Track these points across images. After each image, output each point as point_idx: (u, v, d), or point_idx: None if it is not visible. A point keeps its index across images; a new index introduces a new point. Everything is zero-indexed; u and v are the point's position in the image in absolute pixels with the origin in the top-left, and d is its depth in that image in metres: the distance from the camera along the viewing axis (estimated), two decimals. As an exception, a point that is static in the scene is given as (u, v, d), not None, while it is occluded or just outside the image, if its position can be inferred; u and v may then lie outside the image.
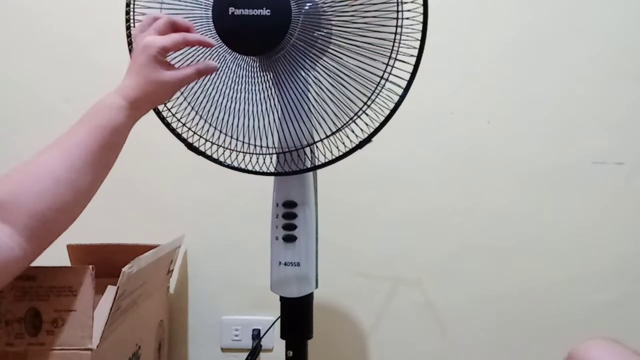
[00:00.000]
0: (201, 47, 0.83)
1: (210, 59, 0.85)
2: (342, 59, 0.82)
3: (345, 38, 0.81)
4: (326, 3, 0.81)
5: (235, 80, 0.86)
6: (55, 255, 1.05)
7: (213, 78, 0.87)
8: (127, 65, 0.88)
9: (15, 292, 0.80)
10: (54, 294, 0.80)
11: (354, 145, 0.84)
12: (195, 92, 0.88)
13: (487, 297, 1.31)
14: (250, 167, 0.89)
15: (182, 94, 0.88)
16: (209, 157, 0.90)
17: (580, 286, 1.29)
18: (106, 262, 0.95)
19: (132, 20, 0.87)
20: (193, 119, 0.89)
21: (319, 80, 0.84)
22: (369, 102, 0.83)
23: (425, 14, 0.79)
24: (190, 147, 0.90)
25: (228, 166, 0.89)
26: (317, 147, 0.87)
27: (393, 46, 0.80)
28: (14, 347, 0.78)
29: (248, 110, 0.87)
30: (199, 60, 0.85)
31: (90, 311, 0.80)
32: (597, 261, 1.29)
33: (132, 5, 0.86)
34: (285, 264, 0.94)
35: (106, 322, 0.81)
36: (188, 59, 0.86)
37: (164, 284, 1.24)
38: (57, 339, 0.79)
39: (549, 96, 1.29)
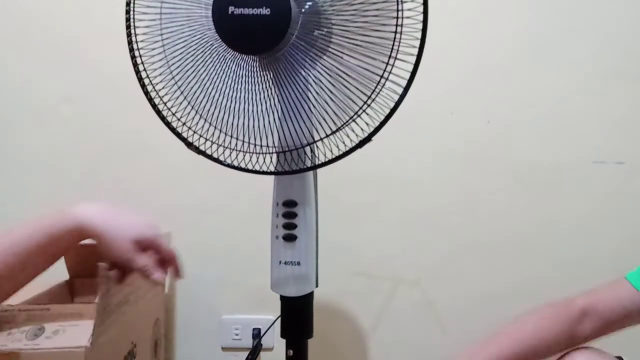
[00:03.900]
0: (200, 49, 0.84)
1: (210, 58, 0.85)
2: (342, 58, 0.82)
3: (346, 37, 0.81)
4: (326, 2, 0.81)
5: (235, 80, 0.86)
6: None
7: (213, 77, 0.86)
8: (126, 64, 0.89)
9: (27, 315, 0.82)
10: (62, 317, 0.83)
11: (354, 144, 0.84)
12: (195, 92, 0.88)
13: (486, 296, 1.31)
14: (250, 167, 0.89)
15: (182, 93, 0.88)
16: (209, 157, 0.90)
17: (580, 285, 1.28)
18: (102, 261, 0.95)
19: (132, 20, 0.87)
20: (193, 118, 0.89)
21: (319, 80, 0.84)
22: (369, 102, 0.83)
23: (425, 13, 0.79)
24: (190, 146, 0.90)
25: (228, 165, 0.89)
26: (317, 146, 0.87)
27: (393, 45, 0.80)
28: (7, 346, 0.78)
29: (248, 110, 0.87)
30: (197, 57, 0.85)
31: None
32: (596, 260, 1.29)
33: (132, 5, 0.87)
34: (285, 263, 0.94)
35: (95, 322, 0.81)
36: (188, 58, 0.86)
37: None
38: (54, 342, 0.79)
39: (549, 96, 1.29)
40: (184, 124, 0.90)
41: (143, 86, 0.89)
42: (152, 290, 1.18)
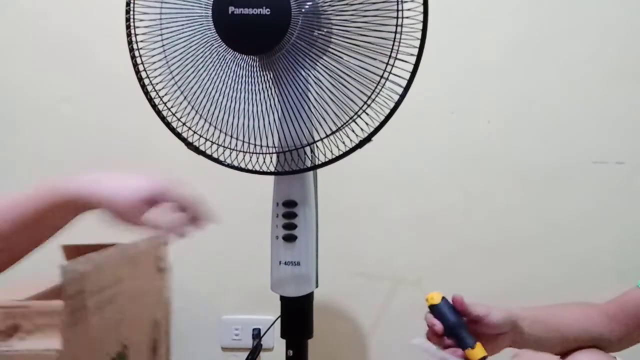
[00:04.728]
0: (200, 49, 0.83)
1: (210, 58, 0.85)
2: (342, 58, 0.82)
3: (346, 37, 0.81)
4: (326, 2, 0.81)
5: (235, 80, 0.86)
6: (58, 257, 1.06)
7: (213, 78, 0.87)
8: (126, 64, 0.89)
9: (4, 314, 0.80)
10: (39, 316, 0.80)
11: (354, 144, 0.84)
12: (195, 92, 0.88)
13: (486, 296, 1.29)
14: (250, 167, 0.89)
15: (182, 93, 0.88)
16: (209, 157, 0.90)
17: (580, 285, 1.29)
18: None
19: (132, 20, 0.87)
20: (193, 118, 0.89)
21: (319, 80, 0.84)
22: (369, 102, 0.83)
23: (425, 13, 0.79)
24: (191, 146, 0.90)
25: (228, 165, 0.89)
26: (317, 146, 0.87)
27: (393, 45, 0.80)
28: None
29: (248, 110, 0.87)
30: (197, 57, 0.85)
31: None
32: (596, 260, 1.29)
33: (132, 5, 0.87)
34: (285, 264, 0.94)
35: (62, 323, 0.79)
36: (188, 58, 0.86)
37: (155, 283, 1.21)
38: (27, 343, 0.78)
39: (549, 96, 1.29)
40: (184, 124, 0.90)
41: (143, 86, 0.89)
42: (149, 290, 1.17)
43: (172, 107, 0.89)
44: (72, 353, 0.79)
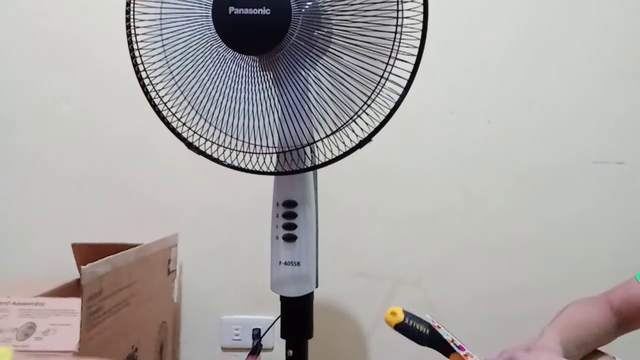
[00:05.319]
0: (200, 49, 0.83)
1: (210, 58, 0.85)
2: (342, 58, 0.82)
3: (346, 37, 0.81)
4: (326, 2, 0.81)
5: (235, 80, 0.86)
6: (59, 257, 1.06)
7: (213, 77, 0.86)
8: (126, 64, 0.89)
9: (20, 311, 0.80)
10: (54, 314, 0.81)
11: (354, 144, 0.84)
12: (195, 92, 0.88)
13: (487, 296, 1.31)
14: (250, 167, 0.89)
15: (182, 93, 0.88)
16: (209, 157, 0.90)
17: (580, 285, 1.28)
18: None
19: (132, 20, 0.87)
20: (193, 118, 0.89)
21: (319, 80, 0.84)
22: (369, 102, 0.83)
23: (425, 13, 0.79)
24: (191, 146, 0.90)
25: (228, 165, 0.89)
26: (317, 146, 0.87)
27: (393, 45, 0.80)
28: None
29: (248, 110, 0.87)
30: (197, 57, 0.85)
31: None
32: (596, 260, 1.29)
33: (132, 5, 0.86)
34: (285, 264, 0.93)
35: (80, 324, 0.80)
36: (188, 58, 0.86)
37: (164, 285, 1.23)
38: (43, 343, 0.79)
39: (549, 96, 1.29)
40: (184, 124, 0.90)
41: (143, 86, 0.89)
42: (159, 292, 1.18)
43: (172, 107, 0.89)
44: (87, 355, 0.80)
